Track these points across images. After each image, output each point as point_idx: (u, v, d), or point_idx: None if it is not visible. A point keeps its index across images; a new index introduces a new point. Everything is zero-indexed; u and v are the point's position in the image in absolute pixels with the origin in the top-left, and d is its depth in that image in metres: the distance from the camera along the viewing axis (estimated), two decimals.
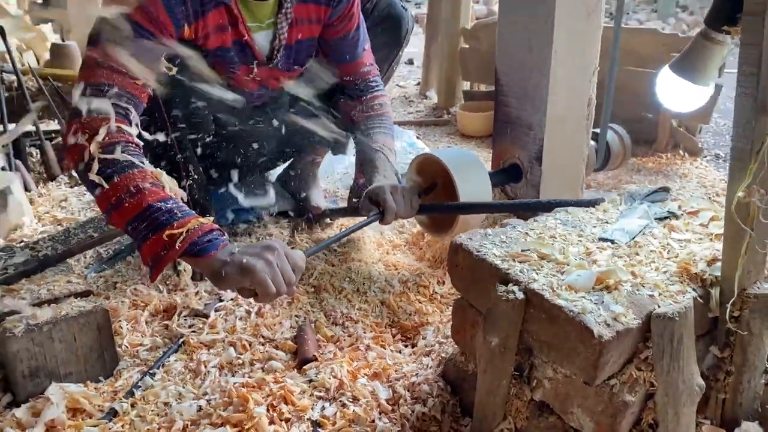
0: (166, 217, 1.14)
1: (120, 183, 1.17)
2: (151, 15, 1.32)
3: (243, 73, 1.57)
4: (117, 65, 1.27)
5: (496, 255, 1.07)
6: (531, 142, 1.72)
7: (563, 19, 1.59)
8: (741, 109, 0.88)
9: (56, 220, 2.03)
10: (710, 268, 1.01)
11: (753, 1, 0.82)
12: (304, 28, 1.59)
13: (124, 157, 1.19)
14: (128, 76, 1.28)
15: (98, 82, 1.25)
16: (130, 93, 1.29)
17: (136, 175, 1.18)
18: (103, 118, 1.22)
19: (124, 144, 1.22)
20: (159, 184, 1.20)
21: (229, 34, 1.48)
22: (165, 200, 1.17)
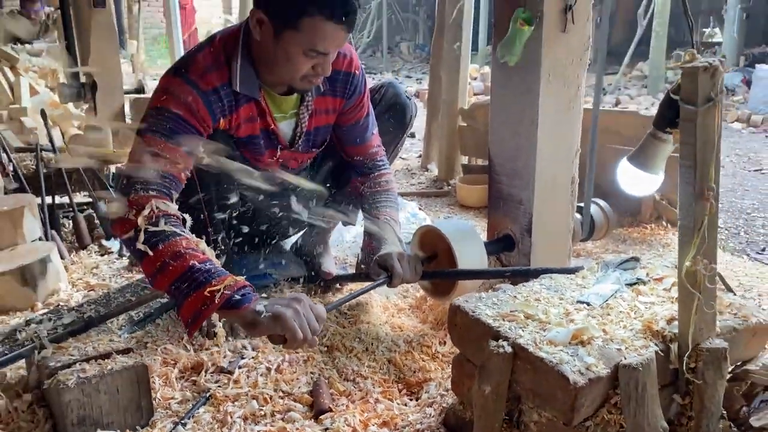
0: (205, 276, 1.32)
1: (164, 249, 1.36)
2: (192, 109, 1.55)
3: (268, 156, 1.79)
4: (161, 152, 1.48)
5: (489, 315, 1.25)
6: (521, 215, 1.92)
7: (546, 109, 1.82)
8: (683, 195, 1.08)
9: (89, 285, 2.21)
10: (669, 326, 1.19)
11: (686, 110, 1.04)
12: (322, 117, 1.82)
13: (167, 227, 1.38)
14: (170, 161, 1.49)
15: (144, 167, 1.46)
16: (172, 175, 1.50)
17: (178, 242, 1.37)
18: (148, 196, 1.43)
19: (167, 217, 1.42)
20: (198, 249, 1.39)
21: (258, 123, 1.71)
22: (204, 262, 1.36)
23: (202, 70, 1.57)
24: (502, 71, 1.91)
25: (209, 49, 1.61)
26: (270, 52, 1.58)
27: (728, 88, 7.62)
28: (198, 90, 1.55)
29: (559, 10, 1.78)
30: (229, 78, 1.61)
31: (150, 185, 1.45)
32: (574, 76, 1.86)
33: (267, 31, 1.55)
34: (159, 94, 1.57)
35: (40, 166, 2.62)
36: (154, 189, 1.45)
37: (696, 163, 1.05)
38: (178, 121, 1.52)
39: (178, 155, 1.51)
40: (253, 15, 1.55)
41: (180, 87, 1.54)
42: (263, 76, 1.66)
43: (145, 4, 10.41)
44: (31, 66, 5.73)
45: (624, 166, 1.32)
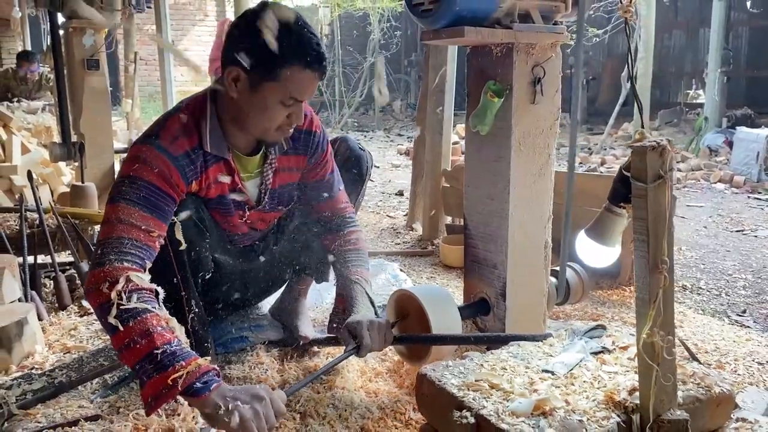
0: (170, 359, 1.32)
1: (134, 327, 1.35)
2: (165, 176, 1.59)
3: (237, 217, 1.84)
4: (135, 221, 1.50)
5: (454, 384, 1.26)
6: (496, 279, 1.95)
7: (517, 176, 1.87)
8: (639, 269, 1.11)
9: (66, 348, 2.20)
10: (631, 396, 1.20)
11: (637, 187, 1.08)
12: (286, 175, 1.88)
13: (138, 304, 1.38)
14: (143, 230, 1.50)
15: (118, 236, 1.47)
16: (146, 245, 1.50)
17: (148, 320, 1.36)
18: (123, 267, 1.43)
19: (139, 292, 1.41)
20: (167, 327, 1.38)
21: (227, 184, 1.76)
22: (170, 343, 1.34)
23: (173, 136, 1.62)
24: (475, 139, 1.97)
25: (177, 115, 1.67)
26: (246, 107, 1.64)
27: (711, 148, 7.79)
28: (169, 156, 1.59)
29: (528, 83, 1.85)
30: (199, 140, 1.66)
31: (124, 256, 1.45)
32: (545, 144, 1.92)
33: (243, 86, 1.60)
34: (130, 163, 1.59)
35: (24, 227, 2.64)
36: (129, 260, 1.45)
37: (648, 237, 1.09)
38: (151, 189, 1.55)
39: (152, 224, 1.53)
40: (229, 73, 1.61)
41: (151, 154, 1.57)
42: (231, 137, 1.72)
43: (142, 63, 10.65)
44: (26, 124, 5.82)
45: (581, 238, 1.35)
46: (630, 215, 1.12)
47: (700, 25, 11.56)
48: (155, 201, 1.55)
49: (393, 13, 11.03)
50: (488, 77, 1.86)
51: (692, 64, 12.05)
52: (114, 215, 1.50)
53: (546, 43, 1.84)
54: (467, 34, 1.72)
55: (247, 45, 1.57)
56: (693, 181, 6.60)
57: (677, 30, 12.41)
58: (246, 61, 1.57)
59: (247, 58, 1.57)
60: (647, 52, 7.78)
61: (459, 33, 1.72)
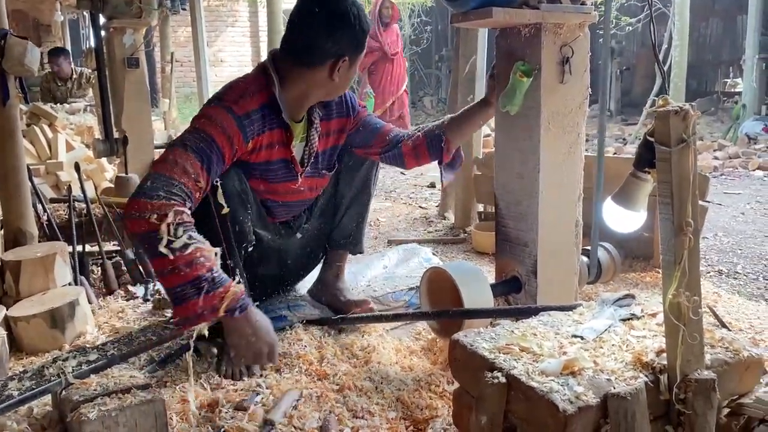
0: (212, 286, 1.50)
1: (179, 257, 1.49)
2: (226, 133, 1.71)
3: (287, 183, 1.96)
4: (187, 166, 1.61)
5: (485, 348, 1.31)
6: (527, 258, 1.99)
7: (547, 155, 1.90)
8: (664, 231, 1.15)
9: (114, 329, 2.31)
10: (658, 357, 1.23)
11: (661, 151, 1.12)
12: (330, 139, 2.05)
13: (185, 238, 1.50)
14: (192, 178, 1.61)
15: (170, 176, 1.57)
16: (191, 191, 1.61)
17: (193, 251, 1.50)
18: (170, 204, 1.52)
19: (185, 225, 1.52)
20: (209, 257, 1.53)
21: (276, 151, 1.88)
22: (211, 270, 1.51)
23: (237, 97, 1.76)
24: (505, 120, 2.01)
25: (241, 81, 1.83)
26: (342, 84, 1.87)
27: (749, 136, 7.64)
28: (233, 114, 1.73)
29: (557, 63, 1.88)
30: (268, 101, 1.80)
31: (172, 195, 1.54)
32: (574, 123, 1.95)
33: (344, 67, 1.82)
34: (198, 118, 1.74)
35: (73, 215, 2.77)
36: (177, 197, 1.55)
37: (673, 199, 1.12)
38: (209, 142, 1.66)
39: (200, 175, 1.64)
40: (334, 65, 1.79)
41: (216, 111, 1.73)
42: (288, 108, 1.85)
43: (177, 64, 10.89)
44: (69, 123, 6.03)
45: (608, 205, 1.39)
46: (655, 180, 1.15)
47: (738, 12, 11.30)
48: (209, 154, 1.66)
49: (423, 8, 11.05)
50: (517, 58, 1.90)
51: (730, 52, 11.79)
52: (171, 156, 1.61)
53: (574, 23, 1.87)
54: (495, 15, 1.76)
55: (348, 35, 1.78)
56: (731, 169, 6.49)
57: (714, 18, 12.14)
58: (351, 50, 1.80)
59: (351, 46, 1.80)
60: (682, 40, 7.66)
61: (487, 14, 1.77)
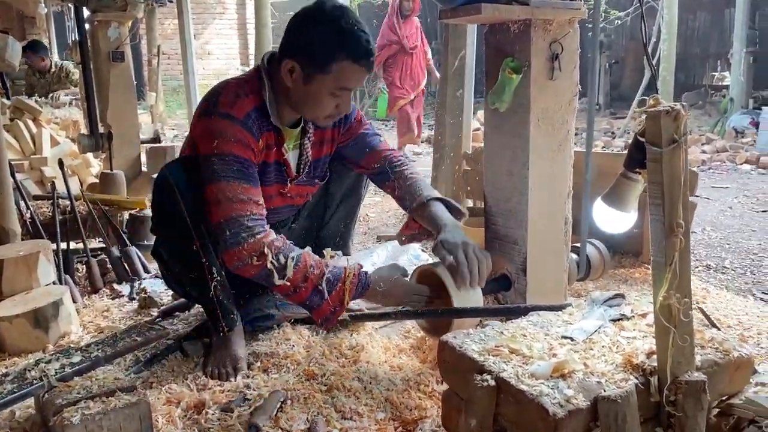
0: (330, 286, 1.66)
1: (294, 277, 1.64)
2: (243, 142, 1.69)
3: (276, 189, 1.93)
4: (243, 195, 1.64)
5: (475, 350, 1.30)
6: (516, 255, 1.97)
7: (537, 152, 1.89)
8: (654, 232, 1.13)
9: (99, 328, 2.28)
10: (649, 359, 1.22)
11: (652, 152, 1.10)
12: (321, 149, 2.01)
13: (288, 261, 1.63)
14: (252, 202, 1.66)
15: (237, 215, 1.62)
16: (259, 214, 1.67)
17: (300, 268, 1.64)
18: (258, 241, 1.62)
19: (281, 249, 1.64)
20: (316, 261, 1.67)
21: (272, 153, 1.86)
22: (323, 275, 1.66)
23: (231, 101, 1.72)
24: (494, 116, 1.99)
25: (230, 83, 1.79)
26: (299, 95, 1.76)
27: (737, 129, 7.68)
28: (236, 120, 1.69)
29: (546, 59, 1.87)
30: (259, 104, 1.76)
31: (253, 231, 1.63)
32: (563, 120, 1.93)
33: (297, 77, 1.72)
34: (207, 140, 1.68)
35: (57, 213, 2.73)
36: (258, 230, 1.63)
37: (664, 200, 1.11)
38: (238, 160, 1.66)
39: (253, 193, 1.68)
40: (285, 65, 1.73)
41: (221, 125, 1.68)
42: (280, 111, 1.82)
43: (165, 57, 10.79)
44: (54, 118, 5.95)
45: (598, 205, 1.37)
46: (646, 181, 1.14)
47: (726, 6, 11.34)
48: (245, 171, 1.67)
49: None
50: (506, 54, 1.88)
51: (717, 45, 11.84)
52: (221, 195, 1.64)
53: (563, 19, 1.85)
54: (484, 11, 1.74)
55: (303, 40, 1.69)
56: (718, 163, 6.52)
57: (702, 11, 12.18)
58: (302, 56, 1.69)
59: (303, 53, 1.69)
60: (670, 33, 7.68)
61: (476, 10, 1.75)
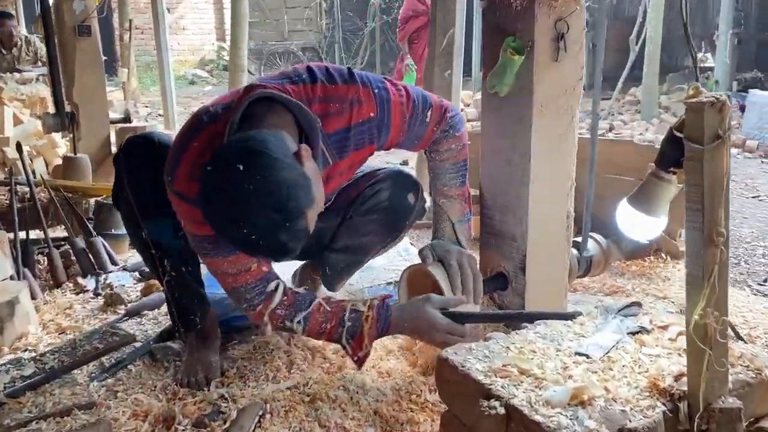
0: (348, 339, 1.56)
1: (309, 334, 1.60)
2: (198, 222, 1.40)
3: None
4: (229, 271, 1.49)
5: (479, 370, 1.15)
6: (515, 252, 1.82)
7: (539, 140, 1.73)
8: (691, 241, 0.99)
9: (60, 328, 2.09)
10: (677, 383, 1.08)
11: (692, 149, 0.95)
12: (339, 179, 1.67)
13: (295, 325, 1.56)
14: (242, 272, 1.49)
15: (236, 288, 1.52)
16: (256, 280, 1.52)
17: (311, 327, 1.57)
18: (258, 312, 1.54)
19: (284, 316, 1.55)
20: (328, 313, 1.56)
21: None
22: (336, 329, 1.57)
23: (187, 176, 1.41)
24: (492, 101, 1.83)
25: (192, 146, 1.44)
26: None
27: None
28: (190, 201, 1.42)
29: (551, 39, 1.70)
30: None
31: (251, 302, 1.54)
32: (568, 106, 1.78)
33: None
34: (179, 216, 1.50)
35: (15, 200, 2.52)
36: (258, 302, 1.54)
37: (704, 206, 0.96)
38: (207, 239, 1.46)
39: (241, 259, 1.48)
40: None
41: (182, 208, 1.46)
42: None
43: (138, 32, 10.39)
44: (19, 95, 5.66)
45: (623, 207, 1.22)
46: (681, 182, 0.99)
47: None
48: (218, 246, 1.46)
49: None
50: (506, 33, 1.71)
51: (701, 27, 11.75)
52: (214, 269, 1.53)
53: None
54: None
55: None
56: None
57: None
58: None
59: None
60: (657, 13, 7.55)
61: None
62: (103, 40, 4.16)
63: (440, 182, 1.80)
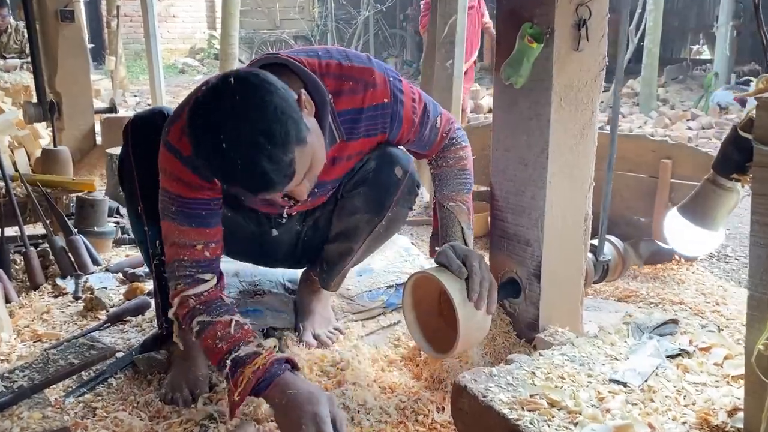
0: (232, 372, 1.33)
1: (202, 345, 1.41)
2: (184, 182, 1.38)
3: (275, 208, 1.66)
4: (176, 240, 1.42)
5: (504, 402, 1.01)
6: (528, 258, 1.69)
7: (558, 137, 1.59)
8: (756, 259, 0.85)
9: (36, 335, 1.93)
10: (732, 419, 0.95)
11: (763, 153, 0.81)
12: (345, 164, 1.58)
13: (193, 324, 1.40)
14: (187, 247, 1.41)
15: (172, 260, 1.44)
16: (195, 260, 1.42)
17: (205, 337, 1.38)
18: (175, 293, 1.43)
19: (192, 308, 1.41)
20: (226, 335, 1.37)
21: None
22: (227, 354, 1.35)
23: (181, 130, 1.31)
24: (506, 94, 1.68)
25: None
26: None
27: (721, 105, 7.50)
28: (180, 156, 1.35)
29: (572, 26, 1.56)
30: None
31: (177, 280, 1.44)
32: (588, 99, 1.64)
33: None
34: (159, 167, 1.42)
35: None
36: (182, 283, 1.43)
37: None
38: (180, 201, 1.40)
39: (194, 236, 1.42)
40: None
41: (164, 158, 1.39)
42: None
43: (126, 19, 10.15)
44: (3, 83, 5.46)
45: (673, 217, 1.08)
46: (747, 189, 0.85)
47: None
48: (188, 212, 1.41)
49: None
50: (524, 19, 1.57)
51: (698, 18, 11.63)
52: (165, 234, 1.45)
53: None
54: None
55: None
56: (705, 140, 6.32)
57: None
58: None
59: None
60: (657, 4, 7.43)
61: None
62: (90, 28, 4.02)
63: (448, 188, 1.68)
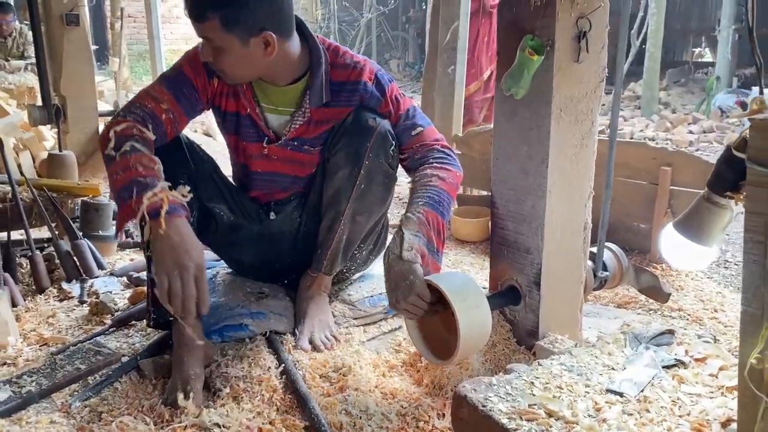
0: (143, 188, 1.45)
1: (121, 161, 1.51)
2: (191, 61, 1.74)
3: (257, 148, 1.84)
4: (154, 94, 1.68)
5: (503, 411, 1.03)
6: (529, 266, 1.71)
7: (558, 147, 1.62)
8: (750, 276, 0.87)
9: (42, 339, 1.96)
10: (725, 429, 0.97)
11: (757, 173, 0.83)
12: (318, 127, 1.81)
13: (130, 145, 1.53)
14: (155, 99, 1.67)
15: (133, 102, 1.67)
16: (153, 112, 1.65)
17: (133, 157, 1.51)
18: (124, 119, 1.61)
19: (132, 137, 1.56)
20: (148, 165, 1.51)
21: (242, 103, 1.78)
22: (145, 177, 1.47)
23: None
24: (507, 104, 1.70)
25: None
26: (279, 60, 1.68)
27: (722, 109, 7.52)
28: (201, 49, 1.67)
29: (572, 38, 1.59)
30: None
31: (129, 113, 1.63)
32: (588, 110, 1.67)
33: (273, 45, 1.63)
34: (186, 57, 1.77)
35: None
36: (133, 115, 1.62)
37: (767, 237, 0.84)
38: (178, 72, 1.73)
39: (166, 98, 1.68)
40: (260, 40, 1.61)
41: (191, 51, 1.76)
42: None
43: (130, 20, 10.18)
44: (7, 85, 5.48)
45: (669, 234, 1.10)
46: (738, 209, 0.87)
47: None
48: (177, 83, 1.71)
49: None
50: (524, 31, 1.60)
51: (699, 21, 11.64)
52: (147, 88, 1.72)
53: None
54: None
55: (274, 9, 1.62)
56: (706, 144, 6.35)
57: None
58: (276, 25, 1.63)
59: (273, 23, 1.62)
60: (659, 7, 7.45)
61: None
62: (94, 29, 4.04)
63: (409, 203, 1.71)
